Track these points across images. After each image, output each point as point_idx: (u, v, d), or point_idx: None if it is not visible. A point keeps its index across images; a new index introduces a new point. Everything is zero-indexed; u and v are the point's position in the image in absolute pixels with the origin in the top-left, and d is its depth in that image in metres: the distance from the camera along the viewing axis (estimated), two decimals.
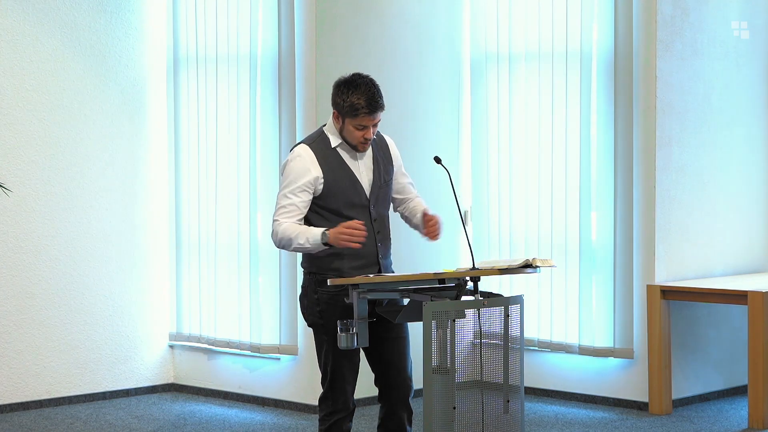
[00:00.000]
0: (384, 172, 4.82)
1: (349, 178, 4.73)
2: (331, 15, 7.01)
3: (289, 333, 7.09)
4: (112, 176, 7.45)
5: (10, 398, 7.10)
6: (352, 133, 4.69)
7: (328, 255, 4.69)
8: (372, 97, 4.64)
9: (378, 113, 4.66)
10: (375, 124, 4.69)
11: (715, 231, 7.36)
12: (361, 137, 4.69)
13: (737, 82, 7.46)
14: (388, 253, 4.83)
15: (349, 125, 4.67)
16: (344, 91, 4.65)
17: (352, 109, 4.63)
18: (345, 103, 4.64)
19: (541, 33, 7.26)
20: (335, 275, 4.67)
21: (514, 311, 4.46)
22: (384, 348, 4.75)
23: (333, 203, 4.71)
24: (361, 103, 4.62)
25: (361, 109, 4.62)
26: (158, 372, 7.69)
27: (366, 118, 4.65)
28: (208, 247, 7.47)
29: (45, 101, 7.19)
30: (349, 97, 4.63)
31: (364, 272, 4.70)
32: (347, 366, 4.73)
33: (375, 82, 4.70)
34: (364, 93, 4.63)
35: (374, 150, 4.82)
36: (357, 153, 4.76)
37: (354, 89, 4.64)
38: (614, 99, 7.01)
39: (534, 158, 7.31)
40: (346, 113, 4.66)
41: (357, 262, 4.71)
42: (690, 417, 6.83)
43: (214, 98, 7.41)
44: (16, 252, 7.11)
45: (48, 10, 7.19)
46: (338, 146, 4.75)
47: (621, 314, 7.03)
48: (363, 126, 4.66)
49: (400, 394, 4.79)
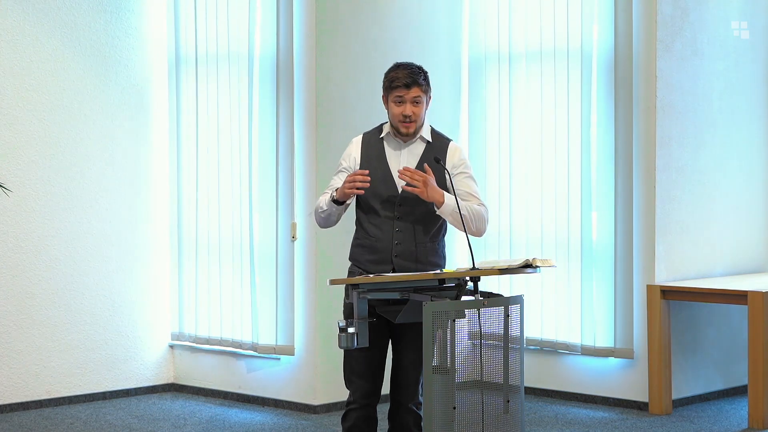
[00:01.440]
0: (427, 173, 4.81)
1: (382, 170, 4.79)
2: (331, 15, 7.01)
3: (286, 333, 7.08)
4: (112, 176, 7.45)
5: (10, 398, 7.10)
6: (393, 110, 4.78)
7: (355, 247, 4.83)
8: (411, 72, 4.75)
9: (415, 88, 4.73)
10: (413, 100, 4.74)
11: (715, 231, 7.37)
12: (400, 114, 4.75)
13: (737, 82, 7.47)
14: (410, 255, 4.78)
15: (390, 102, 4.78)
16: (389, 71, 4.82)
17: (390, 82, 4.76)
18: (386, 79, 4.79)
19: (541, 33, 7.26)
20: (357, 266, 4.79)
21: (514, 311, 4.46)
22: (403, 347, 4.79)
23: (363, 191, 4.74)
24: (398, 75, 4.75)
25: (396, 80, 4.74)
26: (158, 372, 7.69)
27: (401, 89, 4.73)
28: (208, 247, 7.48)
29: (45, 101, 7.20)
30: (390, 72, 4.79)
31: (379, 268, 4.75)
32: (356, 360, 4.76)
33: (420, 66, 4.81)
34: (404, 68, 4.77)
35: (426, 151, 4.84)
36: (403, 146, 4.81)
37: (396, 67, 4.80)
38: (614, 99, 7.02)
39: (534, 158, 7.32)
40: (386, 89, 4.79)
41: (372, 255, 4.78)
42: (690, 417, 6.83)
43: (214, 98, 7.41)
44: (16, 252, 7.11)
45: (48, 10, 7.19)
46: (386, 135, 4.84)
47: (621, 314, 7.03)
48: (400, 100, 4.74)
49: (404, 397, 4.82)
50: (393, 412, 4.88)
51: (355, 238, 4.87)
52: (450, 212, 4.72)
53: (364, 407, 4.81)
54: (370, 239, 4.78)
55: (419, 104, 4.76)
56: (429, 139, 4.85)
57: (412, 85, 4.73)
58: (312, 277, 6.95)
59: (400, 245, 4.77)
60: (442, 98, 7.52)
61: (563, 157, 7.19)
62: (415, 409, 4.84)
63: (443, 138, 4.89)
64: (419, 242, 4.79)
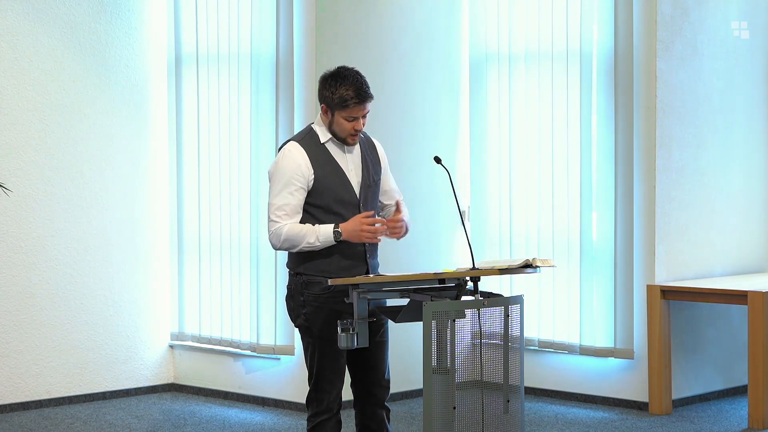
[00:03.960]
0: (373, 171, 4.83)
1: (338, 175, 4.73)
2: (331, 15, 7.01)
3: (286, 333, 7.08)
4: (112, 176, 7.45)
5: (10, 398, 7.09)
6: (342, 125, 4.69)
7: (315, 256, 4.68)
8: (360, 88, 4.65)
9: (367, 103, 4.68)
10: (365, 115, 4.71)
11: (715, 231, 7.36)
12: (352, 129, 4.70)
13: (737, 82, 7.46)
14: (375, 253, 4.82)
15: (339, 117, 4.68)
16: (332, 84, 4.67)
17: (341, 101, 4.64)
18: (334, 96, 4.65)
19: (541, 33, 7.26)
20: (323, 276, 4.66)
21: (514, 311, 4.46)
22: (370, 351, 4.76)
23: (322, 200, 4.70)
24: (350, 93, 4.64)
25: (350, 100, 4.64)
26: (158, 372, 7.69)
27: (356, 108, 4.66)
28: (209, 247, 7.47)
29: (45, 101, 7.19)
30: (337, 89, 4.65)
31: (352, 273, 4.69)
32: (331, 368, 4.73)
33: (360, 73, 4.72)
34: (353, 84, 4.65)
35: (362, 149, 4.83)
36: (345, 149, 4.76)
37: (342, 81, 4.65)
38: (614, 99, 7.01)
39: (534, 158, 7.31)
40: (335, 106, 4.66)
41: (345, 262, 4.70)
42: (690, 417, 6.83)
43: (215, 98, 7.41)
44: (16, 252, 7.11)
45: (48, 9, 7.19)
46: (327, 142, 4.75)
47: (621, 314, 7.03)
48: (353, 117, 4.68)
49: (381, 395, 4.82)
50: (368, 414, 4.83)
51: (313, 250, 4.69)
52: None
53: (336, 413, 4.78)
54: (339, 246, 4.67)
55: (366, 116, 4.74)
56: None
57: (365, 101, 4.67)
58: None
59: (371, 246, 4.77)
60: (441, 98, 7.52)
61: (563, 157, 7.18)
62: (386, 404, 4.86)
63: (365, 134, 4.87)
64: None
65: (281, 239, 4.65)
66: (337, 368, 4.74)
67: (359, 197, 4.75)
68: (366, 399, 4.83)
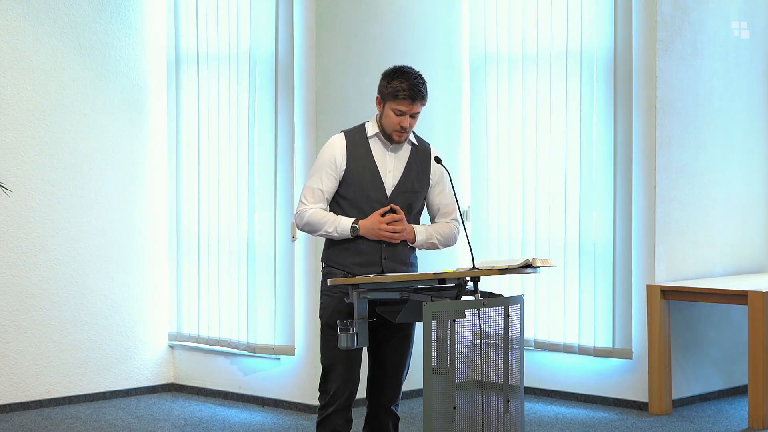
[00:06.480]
0: (415, 180, 4.82)
1: (371, 171, 4.76)
2: (331, 15, 7.01)
3: (285, 333, 7.08)
4: (112, 176, 7.45)
5: (10, 398, 7.10)
6: (390, 118, 4.73)
7: (336, 249, 4.76)
8: (416, 85, 4.71)
9: (418, 103, 4.71)
10: (413, 114, 4.73)
11: (715, 231, 7.37)
12: (398, 124, 4.73)
13: (737, 82, 7.47)
14: (396, 256, 4.79)
15: (389, 109, 4.72)
16: (391, 77, 4.74)
17: (393, 92, 4.70)
18: (389, 86, 4.72)
19: (541, 33, 7.26)
20: (338, 268, 4.74)
21: (514, 311, 4.46)
22: (387, 349, 4.77)
23: (350, 192, 4.75)
24: (404, 86, 4.69)
25: (402, 92, 4.69)
26: (158, 372, 7.69)
27: (405, 102, 4.69)
28: (208, 247, 7.47)
29: (45, 101, 7.19)
30: (393, 81, 4.72)
31: (366, 270, 4.72)
32: (340, 361, 4.74)
33: (422, 75, 4.77)
34: (408, 79, 4.71)
35: (412, 154, 4.84)
36: (390, 148, 4.79)
37: (400, 75, 4.73)
38: (614, 99, 7.01)
39: (533, 158, 7.32)
40: (387, 96, 4.72)
41: (359, 258, 4.74)
42: (690, 417, 6.83)
43: (215, 98, 7.41)
44: (16, 252, 7.11)
45: (48, 9, 7.19)
46: (373, 137, 4.79)
47: (621, 314, 7.03)
48: (401, 111, 4.71)
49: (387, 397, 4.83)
50: (372, 414, 4.87)
51: (335, 240, 4.80)
52: (422, 244, 4.84)
53: (344, 409, 4.78)
54: (356, 242, 4.73)
55: (416, 117, 4.76)
56: (414, 142, 4.87)
57: (416, 100, 4.71)
58: (312, 277, 6.95)
59: (390, 248, 4.77)
60: (441, 98, 7.52)
61: (563, 157, 7.19)
62: (393, 410, 4.85)
63: (424, 142, 4.91)
64: (405, 244, 4.81)
65: (303, 221, 4.77)
66: (346, 362, 4.74)
67: (389, 199, 4.76)
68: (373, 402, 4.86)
